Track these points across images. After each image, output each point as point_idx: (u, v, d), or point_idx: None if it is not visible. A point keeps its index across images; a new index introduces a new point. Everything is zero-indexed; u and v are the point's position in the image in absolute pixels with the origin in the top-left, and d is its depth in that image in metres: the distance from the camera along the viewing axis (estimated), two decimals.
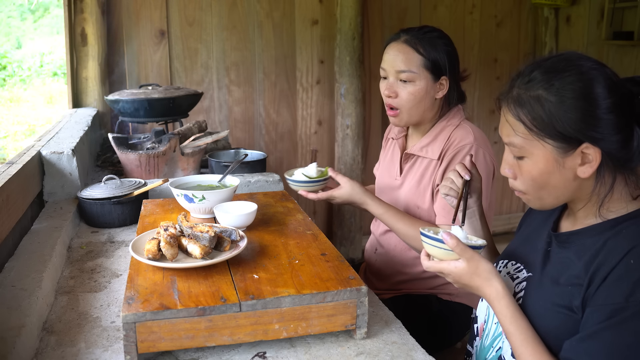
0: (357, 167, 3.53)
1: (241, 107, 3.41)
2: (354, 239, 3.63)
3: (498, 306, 1.01)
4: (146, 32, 3.13)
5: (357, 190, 1.59)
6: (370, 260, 1.83)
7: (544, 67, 0.97)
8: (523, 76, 0.99)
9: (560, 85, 0.94)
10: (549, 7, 3.83)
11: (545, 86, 0.95)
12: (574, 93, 0.93)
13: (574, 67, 0.94)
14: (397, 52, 1.57)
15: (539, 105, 0.95)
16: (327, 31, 3.45)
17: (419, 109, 1.59)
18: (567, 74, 0.94)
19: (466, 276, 1.04)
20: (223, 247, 1.20)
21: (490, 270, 1.03)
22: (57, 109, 7.65)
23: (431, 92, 1.58)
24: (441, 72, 1.57)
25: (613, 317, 0.87)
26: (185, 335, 0.99)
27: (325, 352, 1.05)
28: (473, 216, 1.29)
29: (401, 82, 1.57)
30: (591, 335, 0.89)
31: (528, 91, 0.97)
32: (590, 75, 0.93)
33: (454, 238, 1.03)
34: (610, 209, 0.98)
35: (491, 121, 3.99)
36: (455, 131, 1.58)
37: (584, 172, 0.96)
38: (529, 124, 0.96)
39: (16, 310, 1.09)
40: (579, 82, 0.93)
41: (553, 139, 0.95)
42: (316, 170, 1.64)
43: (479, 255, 1.04)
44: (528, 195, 1.04)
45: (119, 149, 2.11)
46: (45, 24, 9.65)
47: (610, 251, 0.92)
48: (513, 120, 0.99)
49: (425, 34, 1.57)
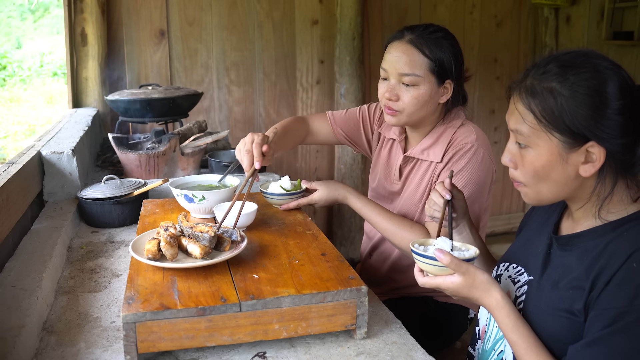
0: (357, 167, 3.53)
1: (241, 107, 3.41)
2: (354, 239, 3.63)
3: (499, 316, 1.01)
4: (146, 32, 3.14)
5: (334, 186, 1.57)
6: (365, 264, 1.80)
7: (561, 61, 0.96)
8: (538, 67, 0.98)
9: (575, 80, 0.93)
10: (549, 7, 3.83)
11: (560, 79, 0.94)
12: (587, 90, 0.92)
13: (591, 64, 0.94)
14: (401, 53, 1.46)
15: (551, 97, 0.94)
16: (327, 31, 3.45)
17: (420, 113, 1.50)
18: (583, 70, 0.93)
19: (464, 290, 1.03)
20: (223, 247, 1.20)
21: (488, 280, 1.02)
22: (57, 109, 7.64)
23: (435, 96, 1.49)
24: (446, 76, 1.47)
25: (617, 322, 0.86)
26: (185, 335, 0.99)
27: (325, 352, 1.05)
28: (464, 230, 1.28)
29: (404, 85, 1.47)
30: (596, 341, 0.88)
31: (542, 82, 0.96)
32: (605, 75, 0.92)
33: (446, 254, 1.01)
34: (610, 210, 0.98)
35: (491, 121, 3.99)
36: (457, 131, 1.52)
37: (586, 170, 0.95)
38: (539, 115, 0.96)
39: (16, 310, 1.09)
40: (593, 80, 0.92)
41: (560, 133, 0.94)
42: (290, 183, 1.61)
43: (474, 267, 1.02)
44: (526, 188, 1.03)
45: (119, 149, 2.11)
46: (45, 24, 9.65)
47: (612, 254, 0.91)
48: (523, 109, 0.98)
49: (431, 33, 1.46)
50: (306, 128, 1.78)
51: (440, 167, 1.52)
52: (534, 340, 0.97)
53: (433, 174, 1.54)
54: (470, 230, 1.28)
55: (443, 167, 1.51)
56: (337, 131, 1.77)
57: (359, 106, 1.80)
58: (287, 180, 1.60)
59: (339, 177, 3.57)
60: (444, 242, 1.10)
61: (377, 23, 3.57)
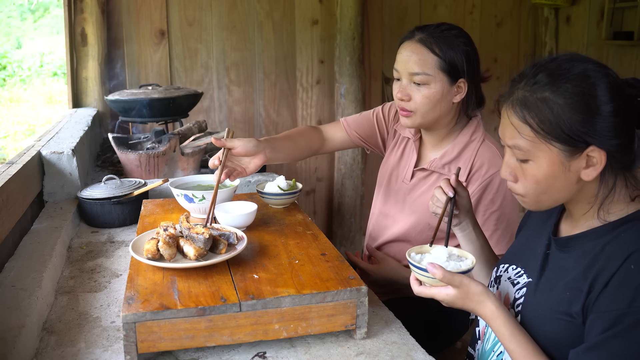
0: (357, 167, 3.53)
1: (241, 107, 3.41)
2: (354, 239, 3.63)
3: (495, 326, 1.00)
4: (146, 32, 3.13)
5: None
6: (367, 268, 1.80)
7: (549, 69, 0.96)
8: (527, 78, 0.98)
9: (567, 88, 0.93)
10: (549, 7, 3.83)
11: (553, 88, 0.94)
12: (580, 95, 0.92)
13: (579, 69, 0.94)
14: (411, 52, 1.45)
15: (546, 107, 0.94)
16: (327, 31, 3.45)
17: (434, 113, 1.48)
18: (573, 76, 0.93)
19: (459, 301, 1.03)
20: (219, 250, 1.19)
21: (482, 292, 1.01)
22: (57, 109, 7.65)
23: (448, 95, 1.46)
24: (459, 75, 1.45)
25: (617, 325, 0.86)
26: (185, 335, 0.99)
27: (325, 352, 1.05)
28: (467, 227, 1.27)
29: (415, 84, 1.46)
30: (597, 345, 0.88)
31: (534, 93, 0.95)
32: (594, 78, 0.92)
33: (438, 269, 1.00)
34: (610, 210, 0.97)
35: (491, 121, 3.97)
36: (480, 151, 1.49)
37: (588, 175, 0.95)
38: (536, 127, 0.95)
39: (16, 310, 1.09)
40: (585, 84, 0.92)
41: (560, 142, 0.94)
42: (286, 183, 1.61)
43: (468, 279, 1.02)
44: (526, 199, 1.02)
45: (119, 149, 2.11)
46: (45, 24, 9.65)
47: (610, 256, 0.91)
48: (518, 122, 0.97)
49: (442, 32, 1.44)
50: (320, 135, 1.76)
51: (472, 189, 1.48)
52: (532, 347, 0.97)
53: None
54: (474, 228, 1.28)
55: (478, 199, 1.48)
56: (352, 134, 1.75)
57: (373, 108, 1.79)
58: (283, 179, 1.61)
59: (339, 177, 3.57)
60: (439, 251, 1.10)
61: (377, 23, 3.57)
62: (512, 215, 1.47)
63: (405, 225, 1.61)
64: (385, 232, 1.69)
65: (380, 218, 1.73)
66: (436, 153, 1.58)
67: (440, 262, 1.06)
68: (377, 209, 1.75)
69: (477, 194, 1.48)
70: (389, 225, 1.69)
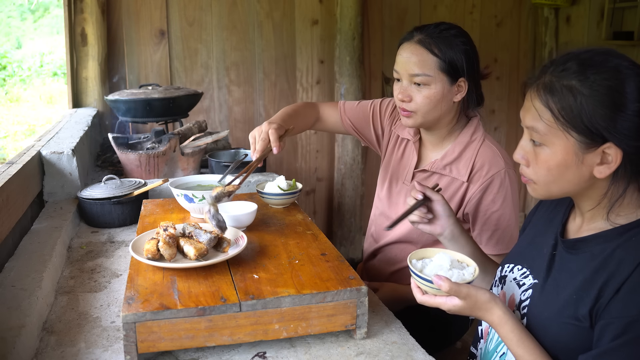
0: (357, 167, 3.53)
1: (241, 107, 3.41)
2: (354, 239, 3.64)
3: (502, 332, 0.99)
4: (146, 32, 3.14)
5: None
6: (368, 265, 1.79)
7: (581, 59, 0.95)
8: (557, 64, 0.96)
9: (595, 79, 0.91)
10: (549, 7, 3.83)
11: (580, 78, 0.92)
12: (607, 89, 0.90)
13: (611, 63, 0.92)
14: (410, 53, 1.45)
15: (570, 95, 0.92)
16: (327, 31, 3.45)
17: (435, 113, 1.48)
18: (604, 69, 0.92)
19: (466, 311, 1.02)
20: (222, 248, 1.20)
21: (489, 300, 1.00)
22: (57, 109, 7.65)
23: (448, 95, 1.47)
24: (458, 74, 1.46)
25: (628, 332, 0.85)
26: (185, 335, 0.99)
27: (325, 352, 1.05)
28: (455, 233, 1.26)
29: (415, 85, 1.46)
30: (607, 352, 0.87)
31: (561, 80, 0.94)
32: (625, 74, 0.91)
33: (445, 281, 0.99)
34: (619, 213, 0.96)
35: (491, 121, 3.99)
36: (481, 151, 1.49)
37: (601, 172, 0.94)
38: (557, 113, 0.94)
39: (16, 310, 1.09)
40: (614, 79, 0.91)
41: (578, 132, 0.93)
42: (286, 183, 1.61)
43: (474, 289, 1.00)
44: (536, 185, 1.01)
45: (119, 149, 2.11)
46: (45, 24, 9.65)
47: (621, 261, 0.90)
48: (541, 106, 0.96)
49: (441, 32, 1.45)
50: (316, 114, 1.78)
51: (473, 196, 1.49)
52: (539, 351, 0.96)
53: (456, 192, 1.51)
54: (461, 234, 1.26)
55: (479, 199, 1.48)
56: (345, 120, 1.75)
57: (372, 100, 1.78)
58: (283, 179, 1.61)
59: (339, 177, 3.57)
60: (441, 258, 1.08)
61: (377, 23, 3.57)
62: (513, 216, 1.47)
63: (407, 227, 1.61)
64: (387, 234, 1.69)
65: (381, 220, 1.73)
66: (437, 154, 1.58)
67: (443, 270, 1.05)
68: (378, 211, 1.75)
69: (478, 194, 1.48)
70: None
